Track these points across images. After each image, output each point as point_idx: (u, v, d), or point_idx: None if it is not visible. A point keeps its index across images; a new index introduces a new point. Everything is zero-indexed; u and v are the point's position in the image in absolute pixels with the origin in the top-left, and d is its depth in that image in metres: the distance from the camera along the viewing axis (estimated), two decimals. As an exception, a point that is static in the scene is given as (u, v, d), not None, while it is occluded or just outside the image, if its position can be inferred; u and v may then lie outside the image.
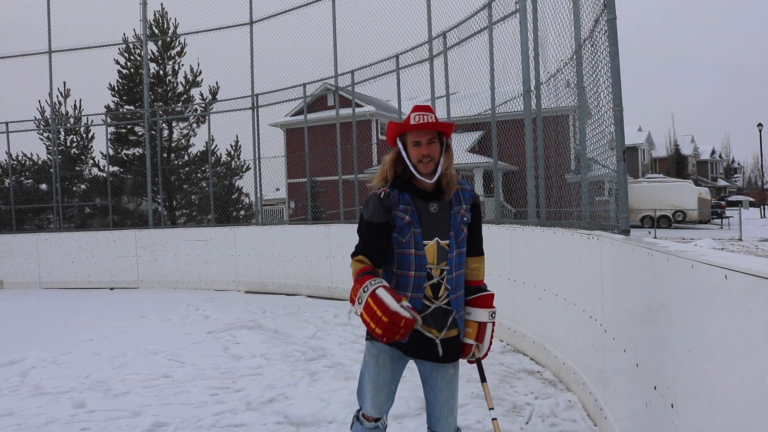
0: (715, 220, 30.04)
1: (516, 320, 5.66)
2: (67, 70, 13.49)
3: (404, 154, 2.36)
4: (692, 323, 1.92)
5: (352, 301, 2.26)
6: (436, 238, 2.36)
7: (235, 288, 10.86)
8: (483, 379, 2.47)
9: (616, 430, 3.01)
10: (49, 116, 14.21)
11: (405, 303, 2.18)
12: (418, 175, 2.33)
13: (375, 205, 2.36)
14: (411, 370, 2.62)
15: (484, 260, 2.56)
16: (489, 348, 2.49)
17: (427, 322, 2.35)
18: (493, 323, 2.48)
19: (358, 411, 2.56)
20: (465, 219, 2.41)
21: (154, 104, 14.48)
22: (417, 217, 2.34)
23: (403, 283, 2.36)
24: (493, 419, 2.39)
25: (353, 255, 2.38)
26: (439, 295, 2.36)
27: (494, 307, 2.47)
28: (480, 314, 2.44)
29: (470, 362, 2.49)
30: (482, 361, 2.48)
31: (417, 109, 2.36)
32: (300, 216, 15.46)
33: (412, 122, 2.32)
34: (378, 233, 2.34)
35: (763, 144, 42.05)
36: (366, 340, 2.49)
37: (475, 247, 2.50)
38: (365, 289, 2.20)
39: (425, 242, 2.34)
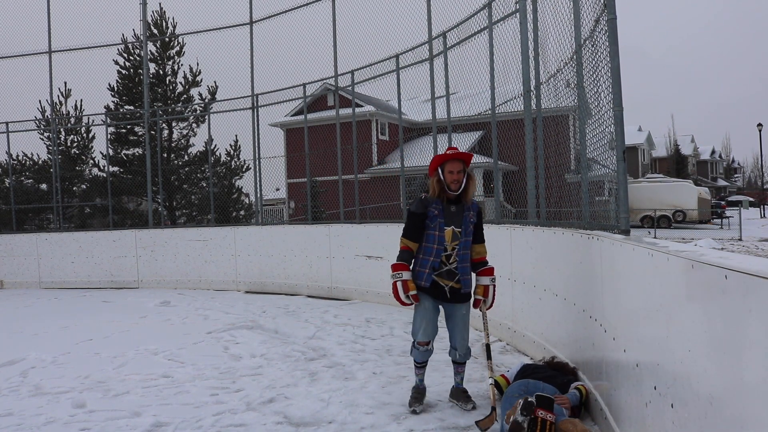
0: (715, 220, 30.02)
1: (516, 320, 5.65)
2: (67, 70, 13.48)
3: (442, 177, 3.77)
4: (692, 323, 1.92)
5: (393, 270, 3.82)
6: (452, 226, 3.81)
7: (235, 288, 10.86)
8: (488, 357, 3.93)
9: (616, 430, 3.01)
10: (49, 116, 14.21)
11: (412, 292, 3.76)
12: (448, 190, 3.80)
13: (418, 202, 3.85)
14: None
15: (485, 246, 4.08)
16: (492, 302, 4.02)
17: (441, 276, 3.84)
18: (494, 285, 4.03)
19: (413, 342, 3.88)
20: (472, 220, 3.88)
21: (153, 104, 14.47)
22: (442, 213, 3.81)
23: (428, 252, 3.84)
24: (491, 384, 3.80)
25: (403, 235, 3.89)
26: (450, 262, 3.84)
27: (494, 275, 4.03)
28: (484, 280, 4.00)
29: (481, 311, 4.02)
30: (490, 347, 4.03)
31: (450, 149, 3.86)
32: (300, 216, 15.44)
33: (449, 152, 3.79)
34: (416, 221, 3.83)
35: (763, 144, 42.02)
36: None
37: (478, 237, 3.99)
38: (394, 276, 3.80)
39: (445, 228, 3.81)
